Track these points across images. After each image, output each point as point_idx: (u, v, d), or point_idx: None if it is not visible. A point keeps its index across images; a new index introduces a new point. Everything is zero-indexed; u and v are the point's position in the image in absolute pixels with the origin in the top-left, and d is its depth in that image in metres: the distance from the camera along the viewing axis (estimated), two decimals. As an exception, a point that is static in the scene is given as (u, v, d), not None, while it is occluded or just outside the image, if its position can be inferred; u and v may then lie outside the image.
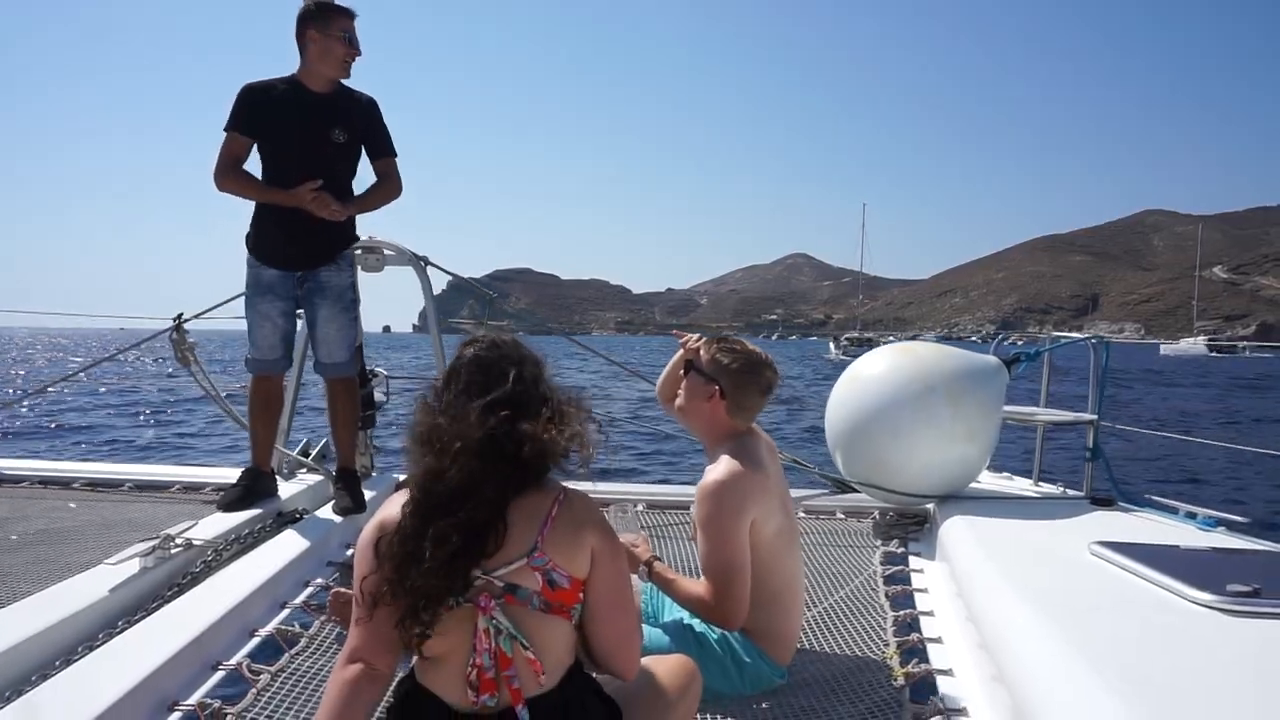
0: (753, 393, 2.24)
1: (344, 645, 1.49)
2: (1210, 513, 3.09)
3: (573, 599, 1.46)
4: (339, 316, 3.43)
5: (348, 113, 3.36)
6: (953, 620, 2.56)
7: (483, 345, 1.53)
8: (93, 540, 2.97)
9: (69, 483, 3.94)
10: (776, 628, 2.17)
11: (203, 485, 3.90)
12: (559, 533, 1.44)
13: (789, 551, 2.22)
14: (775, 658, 2.16)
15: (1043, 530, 3.03)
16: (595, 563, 1.49)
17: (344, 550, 3.18)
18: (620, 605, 1.54)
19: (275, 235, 3.34)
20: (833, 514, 3.85)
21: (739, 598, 2.05)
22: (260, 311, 3.38)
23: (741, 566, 2.06)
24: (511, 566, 1.40)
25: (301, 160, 3.27)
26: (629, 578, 1.62)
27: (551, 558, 1.42)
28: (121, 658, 2.01)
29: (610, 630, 1.52)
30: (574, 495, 1.51)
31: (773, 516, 2.14)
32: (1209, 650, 1.84)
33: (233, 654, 2.23)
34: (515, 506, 1.43)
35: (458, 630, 1.39)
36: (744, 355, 2.25)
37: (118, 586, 2.41)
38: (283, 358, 3.48)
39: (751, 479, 2.11)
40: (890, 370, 3.53)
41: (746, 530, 2.08)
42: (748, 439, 2.24)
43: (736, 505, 2.06)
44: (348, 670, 1.45)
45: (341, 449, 3.57)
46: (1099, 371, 3.80)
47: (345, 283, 3.47)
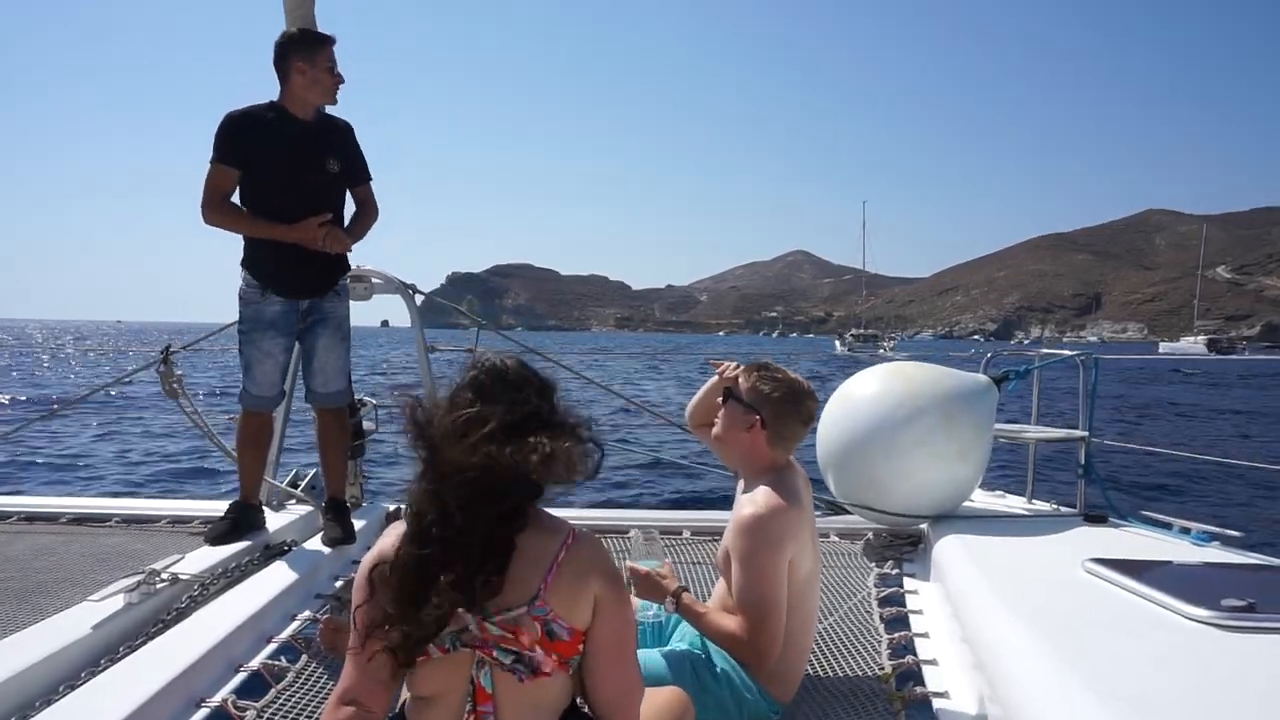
0: (794, 423, 2.19)
1: (336, 685, 1.46)
2: (1204, 528, 3.09)
3: (572, 651, 1.41)
4: (338, 346, 3.42)
5: (334, 141, 3.34)
6: (948, 641, 2.54)
7: (483, 370, 1.45)
8: (77, 576, 2.93)
9: (55, 518, 3.90)
10: (786, 666, 2.12)
11: (191, 518, 3.86)
12: (563, 580, 1.39)
13: (812, 591, 2.19)
14: (777, 695, 2.11)
15: (1036, 548, 3.02)
16: (598, 613, 1.43)
17: (333, 582, 3.14)
18: (623, 655, 1.49)
19: (284, 261, 3.23)
20: (826, 535, 3.82)
21: (774, 635, 2.01)
22: (262, 349, 3.29)
23: (778, 603, 2.02)
24: (511, 613, 1.36)
25: (297, 191, 3.20)
26: (634, 629, 1.57)
27: (553, 608, 1.37)
28: (104, 696, 1.97)
29: (611, 682, 1.46)
30: (583, 539, 1.46)
31: (807, 555, 2.11)
32: (1205, 666, 1.83)
33: (218, 690, 2.19)
34: (522, 545, 1.38)
35: (453, 673, 1.36)
36: (786, 384, 2.18)
37: (101, 623, 2.37)
38: (280, 394, 3.46)
39: (790, 514, 2.07)
40: (881, 391, 3.53)
41: (785, 566, 2.03)
42: (787, 472, 2.19)
43: (777, 541, 2.02)
44: (340, 712, 1.42)
45: (331, 479, 3.53)
46: (1089, 388, 3.80)
47: (343, 312, 3.45)
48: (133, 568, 2.72)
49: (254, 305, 3.27)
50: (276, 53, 3.18)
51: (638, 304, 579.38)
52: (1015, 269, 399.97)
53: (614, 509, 4.64)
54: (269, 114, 3.20)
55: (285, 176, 3.21)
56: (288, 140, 3.20)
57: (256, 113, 3.20)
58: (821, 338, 51.47)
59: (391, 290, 4.04)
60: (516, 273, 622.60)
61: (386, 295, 4.05)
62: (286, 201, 3.19)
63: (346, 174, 3.38)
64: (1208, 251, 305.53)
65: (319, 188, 3.26)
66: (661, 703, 1.68)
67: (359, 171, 3.44)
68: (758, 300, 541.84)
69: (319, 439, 3.53)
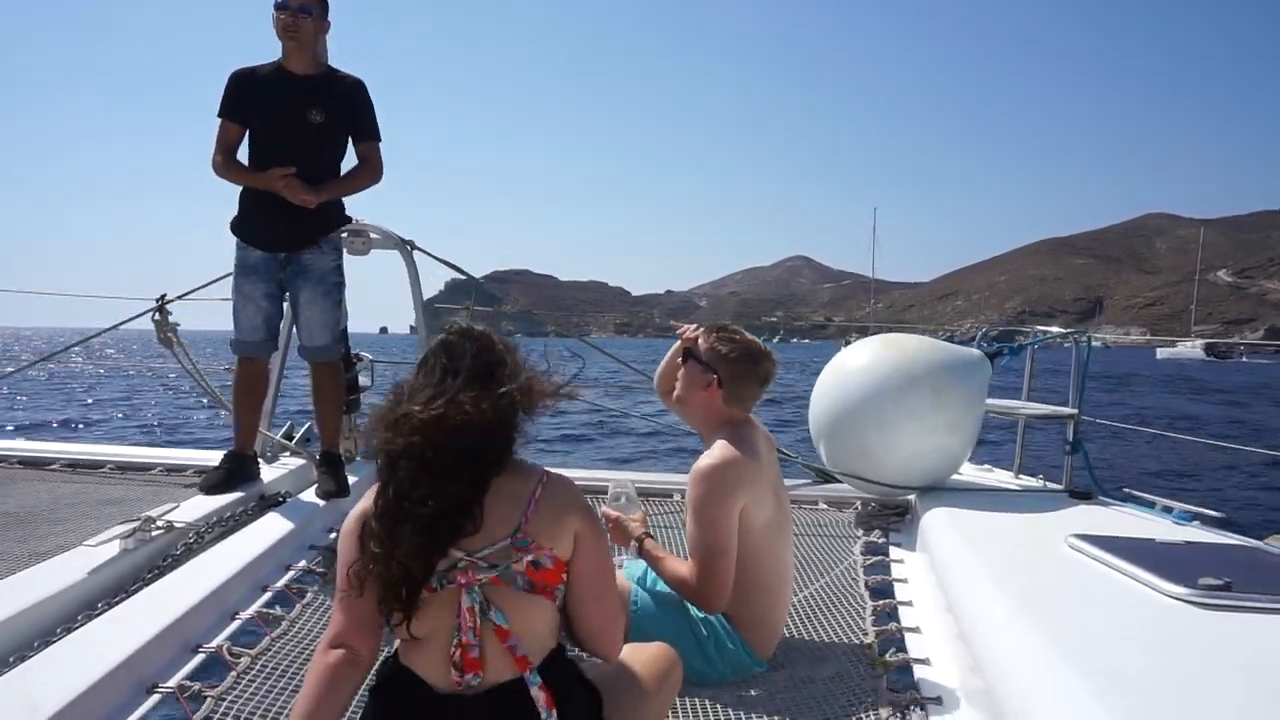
0: (751, 382, 2.24)
1: (326, 629, 1.50)
2: (1186, 507, 3.13)
3: (556, 579, 1.47)
4: (321, 299, 3.41)
5: (328, 94, 3.35)
6: (931, 610, 2.59)
7: (451, 332, 1.55)
8: (72, 522, 2.95)
9: (49, 463, 3.91)
10: (761, 618, 2.18)
11: (185, 467, 3.88)
12: (542, 514, 1.46)
13: (779, 542, 2.23)
14: (757, 648, 2.18)
15: (1022, 523, 3.06)
16: (578, 545, 1.51)
17: (326, 534, 3.17)
18: (603, 587, 1.57)
19: (260, 216, 3.33)
20: (815, 504, 3.87)
21: (721, 582, 2.06)
22: (243, 293, 3.38)
23: (726, 550, 2.07)
24: (495, 546, 1.42)
25: (280, 142, 3.29)
26: (611, 560, 1.64)
27: (535, 538, 1.44)
28: (101, 640, 2.00)
29: (594, 612, 1.55)
30: (556, 479, 1.53)
31: (764, 505, 2.15)
32: (1179, 642, 1.87)
33: (213, 637, 2.22)
34: (496, 489, 1.44)
35: (441, 611, 1.41)
36: (743, 345, 2.24)
37: (97, 568, 2.40)
38: (266, 340, 3.46)
39: (746, 465, 2.11)
40: (874, 362, 3.55)
41: (736, 515, 2.08)
42: (744, 427, 2.23)
43: (728, 489, 2.07)
44: (330, 655, 1.45)
45: (325, 433, 3.56)
46: (1080, 366, 3.84)
47: (328, 266, 3.44)
48: (128, 515, 2.74)
49: (239, 252, 3.38)
50: None
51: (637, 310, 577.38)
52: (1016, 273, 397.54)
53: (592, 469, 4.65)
54: (268, 70, 3.32)
55: (270, 128, 3.32)
56: (273, 93, 3.30)
57: (257, 69, 3.33)
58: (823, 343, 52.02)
59: (390, 245, 4.02)
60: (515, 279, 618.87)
61: (385, 250, 4.03)
62: (271, 152, 3.28)
63: (340, 126, 3.39)
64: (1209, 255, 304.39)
65: (302, 139, 3.30)
66: (649, 656, 1.72)
67: (360, 128, 3.44)
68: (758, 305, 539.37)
69: (312, 392, 3.54)
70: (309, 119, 3.30)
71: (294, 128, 3.29)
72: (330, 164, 3.42)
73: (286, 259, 3.38)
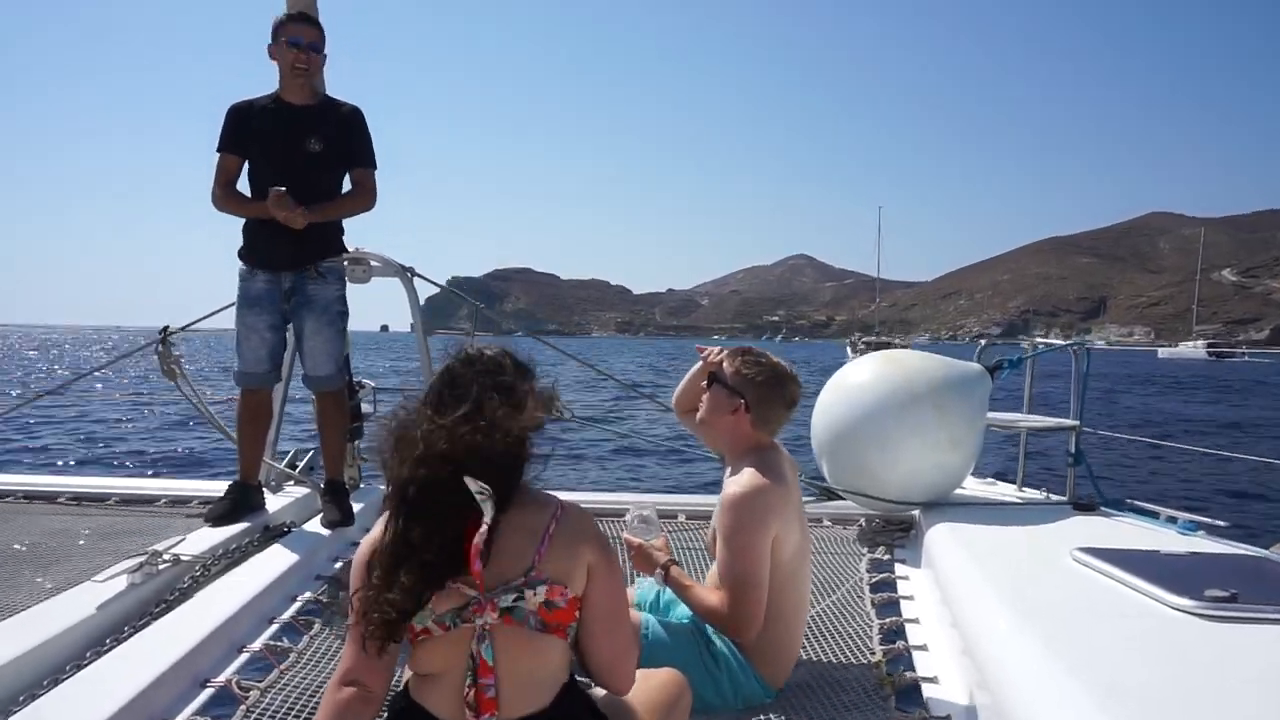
0: (778, 406, 2.23)
1: (337, 666, 1.50)
2: (1190, 517, 3.14)
3: (569, 618, 1.46)
4: (325, 329, 3.43)
5: (326, 122, 3.39)
6: (938, 627, 2.59)
7: (458, 358, 1.52)
8: (79, 557, 2.95)
9: (54, 497, 3.92)
10: (778, 648, 2.15)
11: (190, 498, 3.89)
12: (557, 550, 1.44)
13: (802, 570, 2.21)
14: (770, 679, 2.15)
15: (1026, 536, 3.07)
16: (592, 579, 1.48)
17: (332, 564, 3.18)
18: (616, 620, 1.55)
19: (263, 238, 3.36)
20: (819, 521, 3.87)
21: (754, 611, 2.04)
22: (247, 325, 3.39)
23: (760, 580, 2.05)
24: (508, 586, 1.40)
25: (277, 171, 3.32)
26: (625, 592, 1.62)
27: (549, 577, 1.42)
28: (110, 677, 2.01)
29: (606, 645, 1.53)
30: (571, 511, 1.51)
31: (792, 533, 2.13)
32: (1186, 656, 1.87)
33: (221, 671, 2.23)
34: (510, 521, 1.42)
35: (454, 650, 1.40)
36: (769, 368, 2.23)
37: (105, 604, 2.40)
38: (270, 372, 3.48)
39: (775, 492, 2.10)
40: (875, 378, 3.56)
41: (768, 544, 2.06)
42: (771, 452, 2.22)
43: (760, 518, 2.05)
44: (341, 692, 1.46)
45: (330, 461, 3.57)
46: (1080, 378, 3.85)
47: (331, 295, 3.46)
48: (133, 548, 2.75)
49: (244, 284, 3.41)
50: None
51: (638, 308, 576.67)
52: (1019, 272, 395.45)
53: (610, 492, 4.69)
54: (266, 102, 3.37)
55: (268, 159, 3.36)
56: (272, 124, 3.34)
57: (254, 102, 3.38)
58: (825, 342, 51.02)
59: (391, 273, 4.04)
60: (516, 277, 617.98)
61: (385, 278, 4.06)
62: (270, 182, 3.30)
63: (337, 155, 3.43)
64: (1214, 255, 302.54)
65: (298, 168, 3.34)
66: (658, 683, 1.71)
67: (356, 154, 3.48)
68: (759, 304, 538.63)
69: (317, 421, 3.56)
70: (307, 148, 3.34)
71: (291, 157, 3.33)
72: (328, 192, 3.44)
73: (291, 289, 3.40)
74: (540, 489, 1.54)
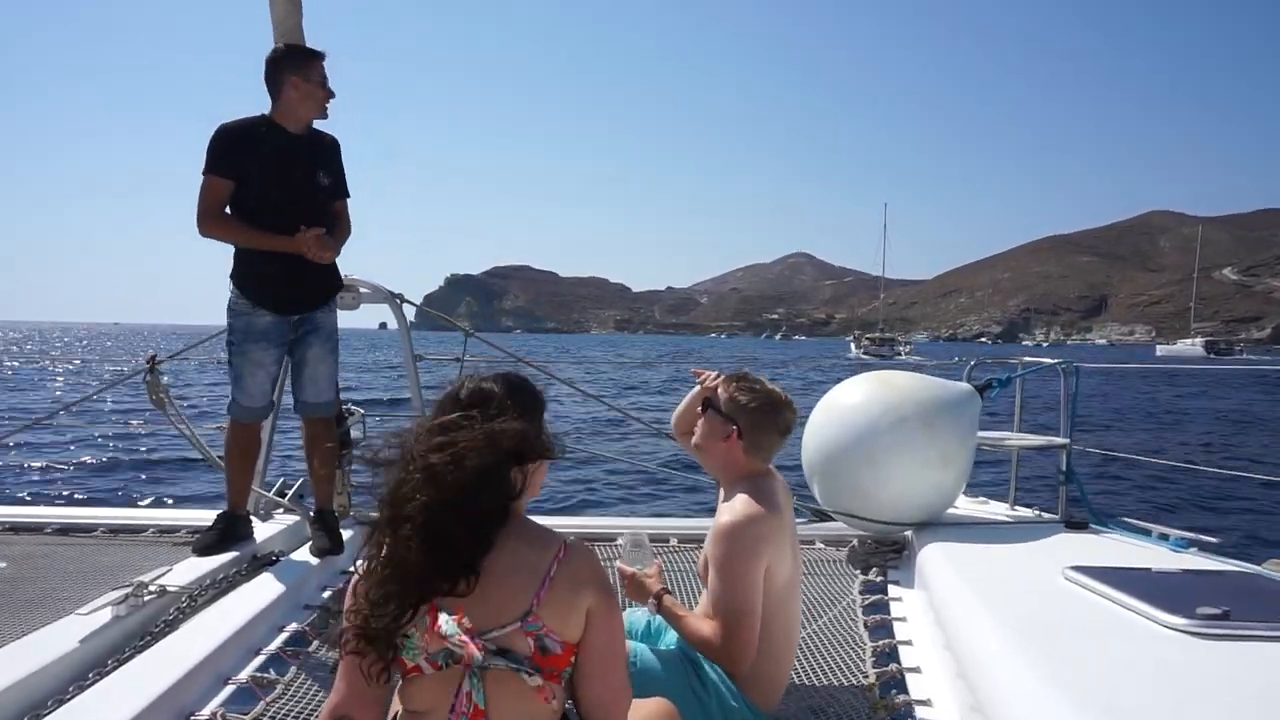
0: (771, 433, 2.22)
1: (327, 698, 1.48)
2: (1182, 534, 3.13)
3: (564, 664, 1.43)
4: (329, 356, 3.43)
5: (324, 155, 3.38)
6: (931, 649, 2.58)
7: (467, 386, 1.53)
8: (64, 589, 2.92)
9: (40, 528, 3.88)
10: (768, 673, 2.13)
11: (177, 528, 3.85)
12: (556, 594, 1.41)
13: (793, 599, 2.20)
14: (760, 703, 2.13)
15: (1018, 556, 3.06)
16: (590, 622, 1.46)
17: (320, 593, 3.14)
18: (613, 663, 1.52)
19: (277, 279, 3.25)
20: (811, 543, 3.86)
21: (748, 641, 2.03)
22: (253, 360, 3.30)
23: (753, 610, 2.03)
24: (504, 630, 1.38)
25: (291, 204, 3.22)
26: (623, 635, 1.59)
27: (546, 622, 1.40)
28: (93, 711, 1.98)
29: (600, 688, 1.50)
30: (575, 552, 1.47)
31: (785, 562, 2.12)
32: (1179, 675, 1.87)
33: (206, 704, 2.19)
34: (513, 555, 1.41)
35: (443, 688, 1.38)
36: (763, 395, 2.22)
37: (89, 637, 2.37)
38: (269, 405, 3.47)
39: (768, 521, 2.08)
40: (865, 400, 3.57)
41: (761, 573, 2.05)
42: (765, 480, 2.21)
43: (752, 548, 2.04)
44: None
45: (319, 489, 3.54)
46: (1069, 396, 3.86)
47: (334, 323, 3.47)
48: (119, 579, 2.72)
49: (245, 317, 3.28)
50: (268, 68, 3.20)
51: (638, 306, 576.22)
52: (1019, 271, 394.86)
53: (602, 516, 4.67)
54: (261, 127, 3.22)
55: (280, 190, 3.23)
56: (281, 153, 3.22)
57: (249, 125, 3.22)
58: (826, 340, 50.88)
59: (380, 300, 4.04)
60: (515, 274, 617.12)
61: (374, 305, 4.06)
62: (282, 214, 3.21)
63: (337, 187, 3.43)
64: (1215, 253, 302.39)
65: (311, 201, 3.29)
66: (647, 714, 1.70)
67: (341, 186, 3.48)
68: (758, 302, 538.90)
69: (306, 449, 3.53)
70: (318, 181, 3.30)
71: (303, 189, 3.26)
72: (330, 225, 3.38)
73: (302, 318, 3.35)
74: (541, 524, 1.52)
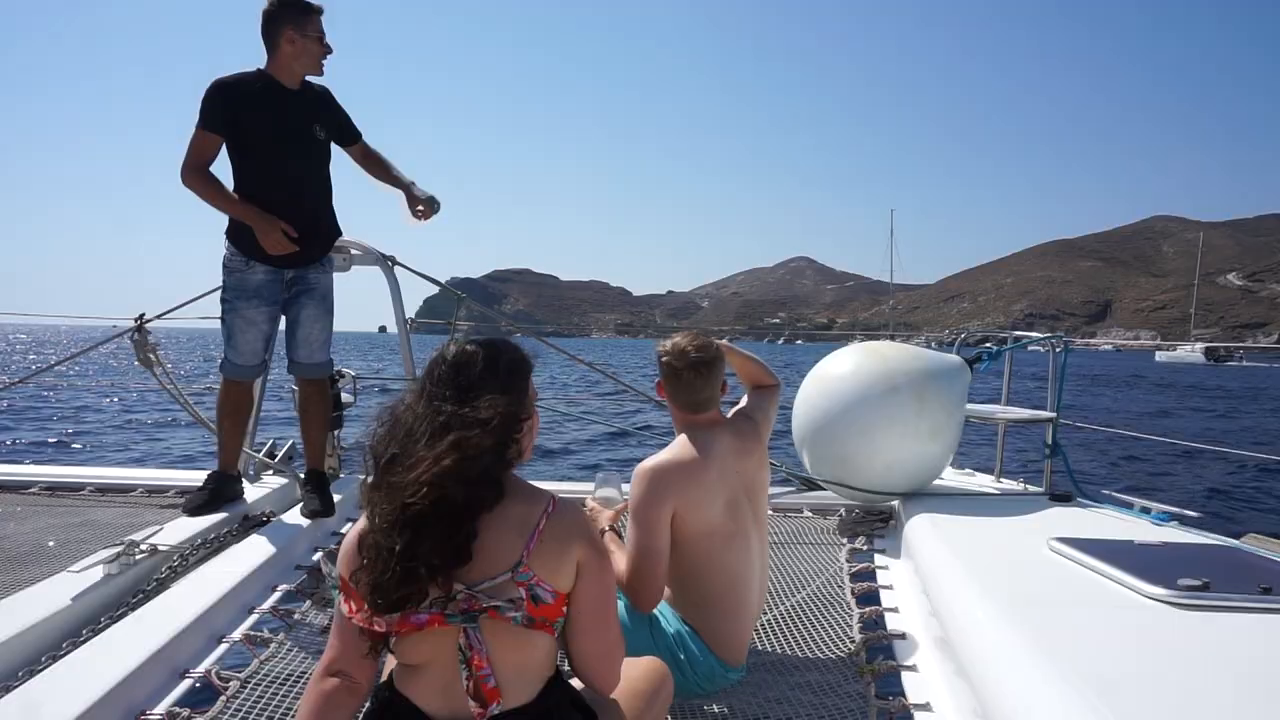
0: (675, 380, 2.25)
1: (321, 656, 1.49)
2: (1164, 508, 3.19)
3: (555, 614, 1.45)
4: (324, 317, 3.42)
5: (320, 107, 3.34)
6: (917, 616, 2.62)
7: (452, 350, 1.51)
8: (54, 547, 2.92)
9: (27, 487, 3.86)
10: (720, 629, 2.16)
11: (167, 488, 3.85)
12: (546, 546, 1.43)
13: (727, 553, 2.17)
14: (725, 657, 2.16)
15: (1003, 527, 3.10)
16: (581, 575, 1.47)
17: (312, 554, 3.16)
18: (604, 619, 1.53)
19: None
20: (800, 512, 3.90)
21: (649, 582, 2.09)
22: (246, 317, 3.29)
23: (652, 551, 2.07)
24: (495, 581, 1.39)
25: (287, 158, 3.22)
26: (614, 591, 1.61)
27: (536, 572, 1.41)
28: (86, 667, 1.99)
29: (592, 644, 1.52)
30: (563, 506, 1.49)
31: (702, 510, 2.12)
32: (1159, 643, 1.91)
33: (200, 661, 2.21)
34: (502, 513, 1.42)
35: (439, 641, 1.39)
36: (670, 347, 2.29)
37: (81, 594, 2.38)
38: (262, 364, 3.45)
39: (680, 469, 2.12)
40: (856, 370, 3.59)
41: (664, 517, 2.09)
42: (702, 429, 2.23)
43: (656, 491, 2.09)
44: (325, 683, 1.45)
45: (312, 450, 3.54)
46: (1058, 370, 3.89)
47: (328, 283, 3.45)
48: (110, 538, 2.72)
49: (239, 274, 3.27)
50: (265, 21, 3.14)
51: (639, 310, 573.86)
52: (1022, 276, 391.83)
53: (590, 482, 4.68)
54: (257, 82, 3.18)
55: (276, 144, 3.21)
56: (277, 108, 3.18)
57: (245, 80, 3.17)
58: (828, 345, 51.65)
59: (371, 262, 4.01)
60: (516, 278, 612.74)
61: (365, 267, 4.03)
62: (279, 168, 3.21)
63: (333, 139, 3.41)
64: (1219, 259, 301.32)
65: (308, 154, 3.28)
66: (640, 673, 1.72)
67: (350, 130, 3.47)
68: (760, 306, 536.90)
69: (300, 410, 3.53)
70: (315, 134, 3.29)
71: (300, 142, 3.25)
72: (329, 179, 3.40)
73: (294, 278, 3.33)
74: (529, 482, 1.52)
